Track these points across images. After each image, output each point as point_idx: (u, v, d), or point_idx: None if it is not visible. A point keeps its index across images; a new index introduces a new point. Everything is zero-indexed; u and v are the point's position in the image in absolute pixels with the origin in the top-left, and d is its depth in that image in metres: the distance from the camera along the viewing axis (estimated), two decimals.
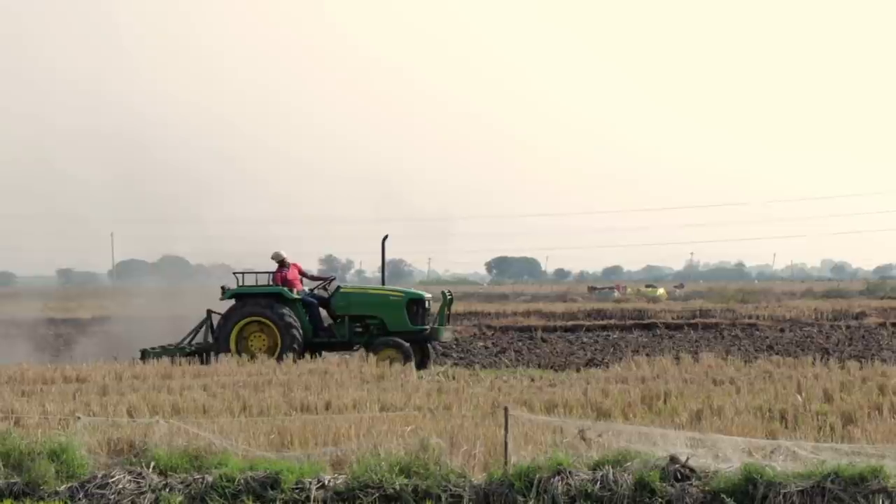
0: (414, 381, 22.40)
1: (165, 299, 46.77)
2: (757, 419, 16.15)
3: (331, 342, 28.77)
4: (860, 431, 14.84)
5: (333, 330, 28.66)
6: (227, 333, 28.21)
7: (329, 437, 14.70)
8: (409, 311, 28.33)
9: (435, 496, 12.57)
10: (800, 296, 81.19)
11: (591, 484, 12.40)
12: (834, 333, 38.99)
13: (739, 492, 12.07)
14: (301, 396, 19.22)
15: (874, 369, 22.64)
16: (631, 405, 17.99)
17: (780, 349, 31.25)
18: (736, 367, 23.72)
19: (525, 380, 22.76)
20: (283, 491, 12.76)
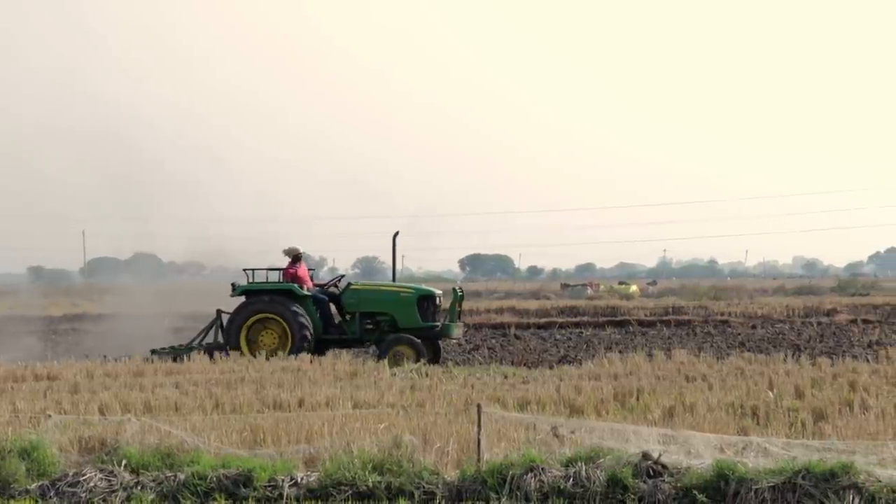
0: (387, 378, 22.39)
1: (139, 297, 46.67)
2: (729, 416, 16.22)
3: (341, 339, 28.51)
4: (831, 428, 14.91)
5: (344, 327, 28.43)
6: (236, 331, 27.94)
7: (302, 434, 14.67)
8: (419, 307, 28.15)
9: (408, 493, 12.56)
10: (772, 293, 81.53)
11: (564, 481, 12.41)
12: (805, 330, 39.17)
13: (711, 488, 12.10)
14: (274, 394, 19.18)
15: (845, 366, 22.74)
16: (604, 402, 18.03)
17: (752, 346, 31.36)
18: (708, 364, 23.79)
19: (498, 377, 22.77)
20: (256, 489, 12.73)
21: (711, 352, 28.18)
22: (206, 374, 23.14)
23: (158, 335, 35.35)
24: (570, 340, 36.74)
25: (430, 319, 28.32)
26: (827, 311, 50.05)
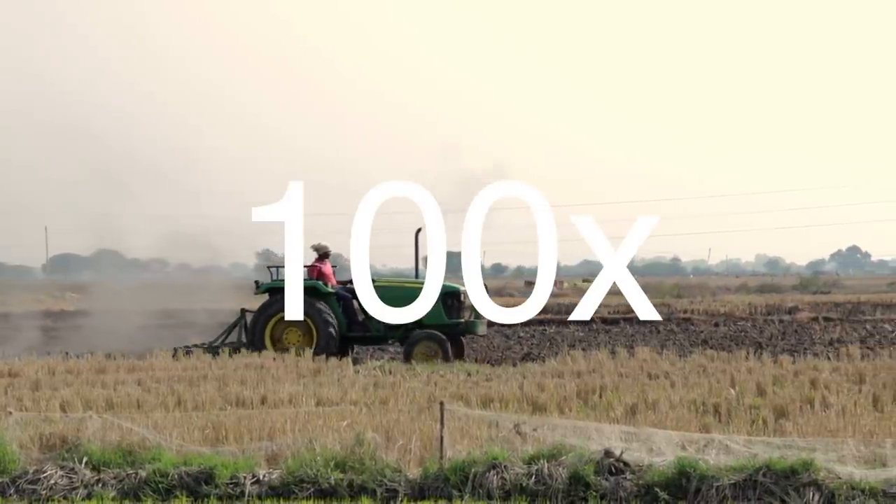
0: (350, 375, 22.35)
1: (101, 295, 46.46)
2: (691, 413, 16.28)
3: (365, 336, 28.30)
4: (792, 425, 14.99)
5: (367, 324, 28.06)
6: (261, 330, 27.59)
7: (264, 431, 14.63)
8: (444, 304, 27.84)
9: (370, 491, 12.56)
10: (734, 290, 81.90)
11: (526, 478, 12.44)
12: (767, 328, 39.33)
13: (673, 485, 12.16)
14: (237, 391, 19.13)
15: (806, 363, 22.87)
16: (566, 399, 18.06)
17: (714, 343, 31.48)
18: (671, 362, 23.88)
19: (461, 374, 22.77)
20: (218, 486, 12.70)
21: (674, 349, 28.24)
22: (168, 372, 23.06)
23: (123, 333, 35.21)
24: (533, 338, 36.81)
25: (455, 316, 28.00)
26: (789, 309, 50.30)
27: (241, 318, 29.00)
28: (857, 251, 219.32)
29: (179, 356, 26.31)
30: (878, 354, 25.05)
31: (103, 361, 25.25)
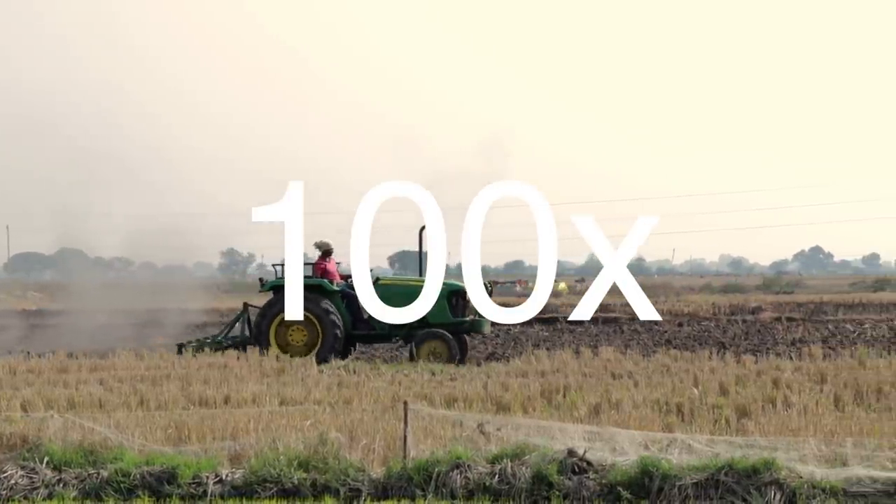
0: (314, 375, 22.33)
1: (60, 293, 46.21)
2: (654, 412, 16.33)
3: (370, 335, 28.12)
4: (754, 424, 15.07)
5: (372, 322, 27.80)
6: (266, 327, 27.28)
7: (227, 431, 14.59)
8: (449, 302, 27.70)
9: (333, 490, 12.55)
10: (698, 290, 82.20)
11: (490, 477, 12.45)
12: (731, 328, 39.48)
13: (636, 484, 12.20)
14: (200, 390, 19.07)
15: (769, 363, 22.99)
16: (530, 399, 18.09)
17: (678, 343, 31.58)
18: (634, 362, 23.95)
19: (426, 374, 22.77)
20: (180, 485, 12.66)
21: (638, 349, 28.33)
22: (131, 371, 22.96)
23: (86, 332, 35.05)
24: (497, 338, 36.79)
25: (461, 314, 27.85)
26: (752, 308, 50.49)
27: (243, 312, 28.82)
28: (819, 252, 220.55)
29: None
30: (839, 354, 25.19)
31: (65, 361, 25.12)
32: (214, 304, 49.90)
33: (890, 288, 79.48)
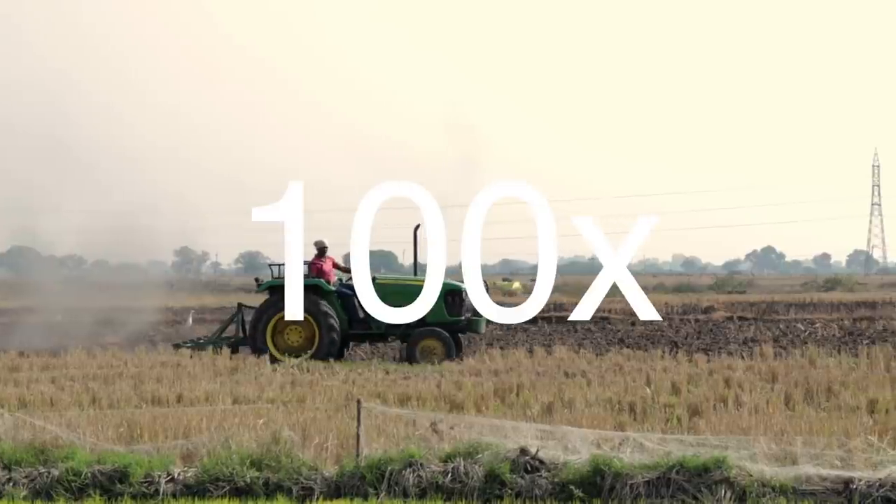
0: (268, 373, 22.30)
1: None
2: (607, 411, 16.41)
3: (366, 334, 28.06)
4: (705, 423, 15.17)
5: (369, 322, 27.69)
6: (263, 328, 27.08)
7: (180, 429, 14.55)
8: (445, 302, 27.62)
9: (286, 489, 12.53)
10: (651, 290, 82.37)
11: (443, 476, 12.47)
12: (683, 327, 39.70)
13: (588, 483, 12.25)
14: (152, 389, 19.02)
15: (720, 362, 23.15)
16: (484, 398, 18.13)
17: (630, 342, 31.72)
18: (588, 361, 24.05)
19: (380, 372, 22.78)
20: (132, 484, 12.60)
21: (591, 348, 28.43)
22: (83, 369, 22.85)
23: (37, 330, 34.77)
24: None
25: (457, 314, 27.82)
26: (704, 308, 50.76)
27: (237, 313, 28.65)
28: (771, 252, 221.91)
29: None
30: (790, 354, 25.37)
31: (16, 359, 24.96)
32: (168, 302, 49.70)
33: (840, 288, 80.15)
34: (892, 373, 20.79)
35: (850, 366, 22.22)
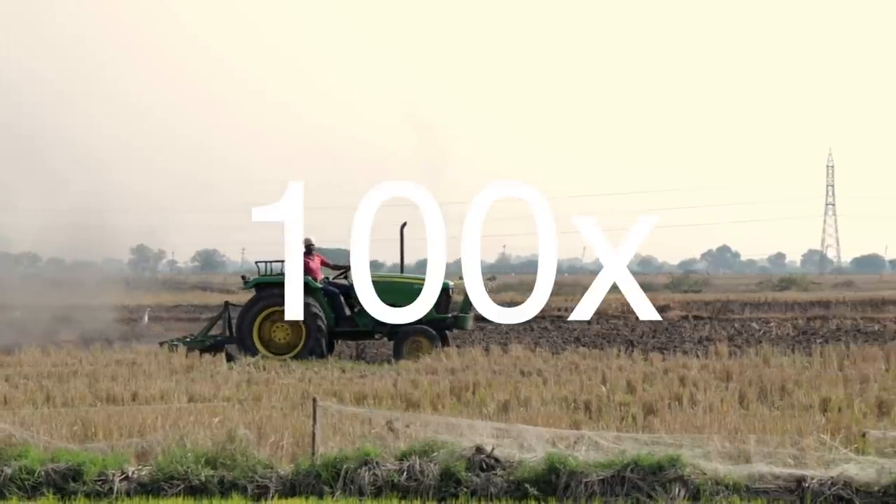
0: (224, 371, 22.26)
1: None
2: (562, 410, 16.48)
3: (353, 331, 28.01)
4: (660, 422, 15.26)
5: (355, 319, 27.75)
6: (249, 324, 27.01)
7: (135, 428, 14.51)
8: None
9: (241, 487, 12.51)
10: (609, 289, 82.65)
11: (398, 474, 12.49)
12: (639, 326, 39.81)
13: (542, 481, 12.29)
14: (107, 387, 18.94)
15: (676, 361, 23.27)
16: (440, 396, 18.16)
17: (587, 341, 31.84)
18: (544, 359, 24.12)
19: (336, 371, 22.78)
20: (86, 483, 12.55)
21: (547, 347, 28.51)
22: (37, 367, 22.72)
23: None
24: None
25: (444, 311, 27.89)
26: (660, 307, 50.83)
27: (224, 311, 28.53)
28: (727, 251, 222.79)
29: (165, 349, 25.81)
30: (745, 352, 25.52)
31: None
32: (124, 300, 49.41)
33: (795, 287, 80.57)
34: (845, 372, 20.95)
35: (804, 365, 22.38)
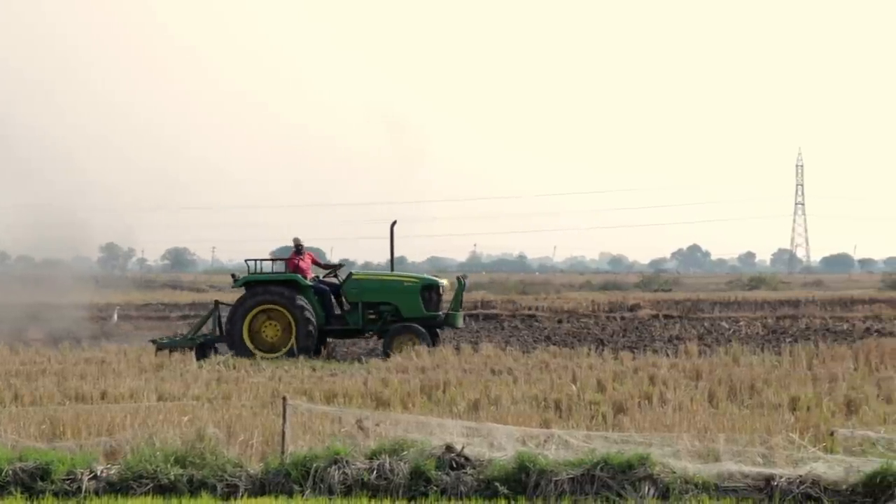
0: (193, 370, 22.21)
1: None
2: (532, 408, 16.50)
3: (343, 330, 28.00)
4: (630, 420, 15.30)
5: (346, 317, 27.75)
6: (239, 322, 26.96)
7: (103, 426, 14.47)
8: (423, 297, 27.71)
9: (210, 486, 12.47)
10: (578, 288, 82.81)
11: (368, 473, 12.47)
12: (609, 325, 39.92)
13: (512, 480, 12.30)
14: (76, 386, 18.87)
15: (646, 360, 23.33)
16: (410, 395, 18.16)
17: (557, 340, 31.87)
18: (514, 358, 24.14)
19: (306, 370, 22.75)
20: (54, 482, 12.48)
21: (518, 345, 28.55)
22: (5, 366, 22.62)
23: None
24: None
25: (434, 309, 27.91)
26: (630, 306, 51.01)
27: (214, 310, 28.45)
28: (697, 250, 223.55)
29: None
30: (714, 351, 25.62)
31: None
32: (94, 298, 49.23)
33: (764, 286, 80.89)
34: (814, 371, 21.06)
35: (773, 364, 22.48)
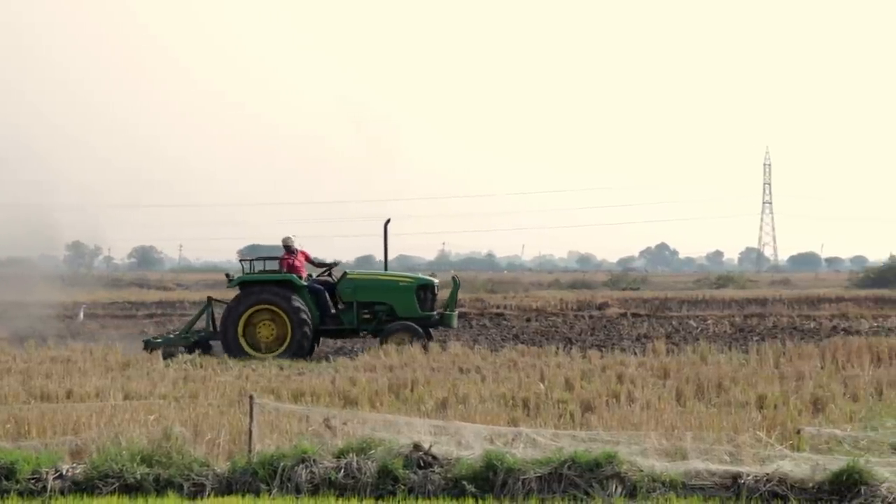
0: (160, 369, 22.12)
1: None
2: (500, 407, 16.50)
3: (338, 330, 27.84)
4: (598, 419, 15.32)
5: (340, 317, 27.57)
6: (234, 323, 26.77)
7: (69, 426, 14.39)
8: (418, 297, 27.62)
9: (177, 485, 12.41)
10: (547, 286, 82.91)
11: (335, 472, 12.44)
12: (578, 323, 39.97)
13: (480, 478, 12.28)
14: (41, 384, 18.76)
15: (614, 358, 23.37)
16: (378, 393, 18.14)
17: (525, 338, 31.90)
18: (482, 356, 24.14)
19: (274, 368, 22.69)
20: (19, 481, 12.39)
21: (486, 344, 28.56)
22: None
23: None
24: None
25: (429, 308, 27.86)
26: (599, 304, 51.10)
27: (206, 307, 28.31)
28: (665, 249, 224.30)
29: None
30: (682, 350, 25.68)
31: None
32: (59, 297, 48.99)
33: (732, 285, 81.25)
34: (781, 369, 21.14)
35: (741, 362, 22.55)
